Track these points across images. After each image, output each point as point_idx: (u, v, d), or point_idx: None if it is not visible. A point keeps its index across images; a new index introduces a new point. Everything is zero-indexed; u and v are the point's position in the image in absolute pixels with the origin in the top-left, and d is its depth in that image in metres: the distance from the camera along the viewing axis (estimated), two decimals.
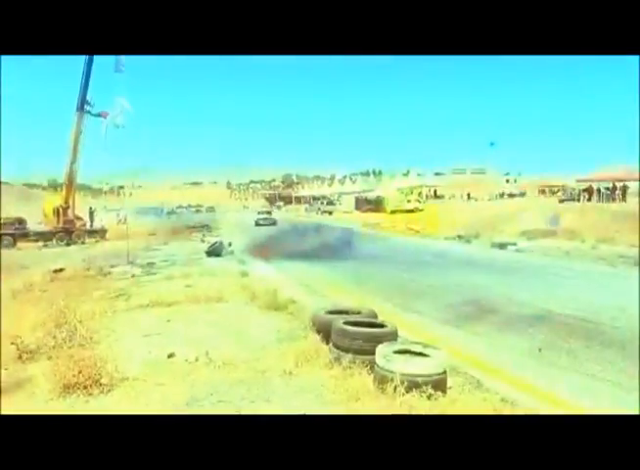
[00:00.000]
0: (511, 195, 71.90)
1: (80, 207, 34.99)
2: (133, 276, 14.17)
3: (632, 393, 5.74)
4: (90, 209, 36.43)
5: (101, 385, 5.57)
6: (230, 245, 21.02)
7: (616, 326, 8.55)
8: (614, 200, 46.70)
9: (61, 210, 30.66)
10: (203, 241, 25.42)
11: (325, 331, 6.63)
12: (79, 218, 32.42)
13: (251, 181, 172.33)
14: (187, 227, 38.76)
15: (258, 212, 55.03)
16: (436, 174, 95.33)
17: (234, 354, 6.69)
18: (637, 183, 51.96)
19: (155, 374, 6.07)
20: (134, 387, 5.70)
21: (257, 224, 44.96)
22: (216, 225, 44.19)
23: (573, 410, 5.20)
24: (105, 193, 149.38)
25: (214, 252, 18.86)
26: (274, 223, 45.79)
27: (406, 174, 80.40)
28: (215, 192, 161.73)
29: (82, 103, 30.27)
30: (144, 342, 7.49)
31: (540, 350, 7.30)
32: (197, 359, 6.54)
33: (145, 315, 9.17)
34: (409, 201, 59.70)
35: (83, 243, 29.66)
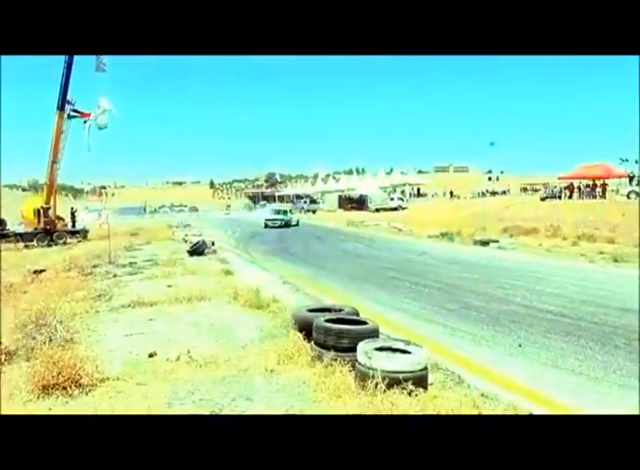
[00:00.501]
0: (493, 193, 72.42)
1: (62, 207, 34.70)
2: (115, 276, 14.06)
3: (611, 386, 5.83)
4: (72, 209, 36.07)
5: (81, 386, 5.53)
6: (213, 244, 20.95)
7: (594, 321, 8.64)
8: (594, 197, 47.33)
9: (42, 210, 30.36)
10: (185, 240, 25.28)
11: (306, 329, 6.64)
12: (61, 219, 32.14)
13: (235, 180, 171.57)
14: (169, 227, 38.63)
15: (272, 211, 45.49)
16: (419, 173, 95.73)
17: (216, 353, 6.68)
18: (616, 181, 52.81)
19: (136, 374, 6.03)
20: (115, 387, 5.66)
21: (266, 226, 38.79)
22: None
23: (554, 406, 5.27)
24: (87, 193, 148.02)
25: (197, 251, 18.78)
26: (287, 225, 39.38)
27: (389, 173, 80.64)
28: (198, 191, 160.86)
29: (63, 102, 30.01)
30: (125, 342, 7.45)
31: (520, 345, 7.37)
32: (178, 358, 6.52)
33: (126, 315, 9.12)
34: (392, 199, 59.94)
35: (65, 243, 29.40)
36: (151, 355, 6.72)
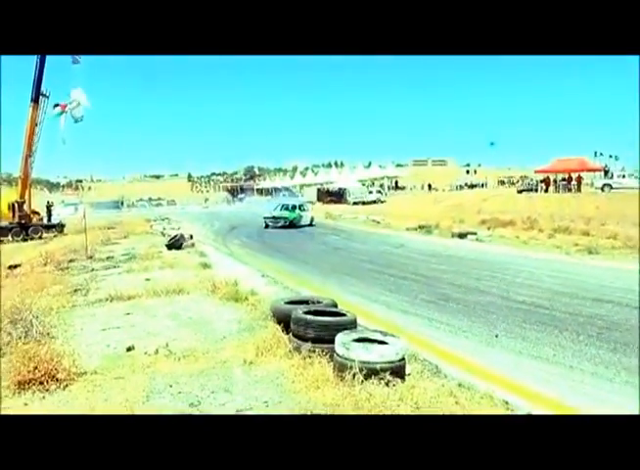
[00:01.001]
0: (471, 186, 73.00)
1: (38, 201, 34.25)
2: (92, 270, 13.93)
3: (584, 374, 5.95)
4: (48, 203, 35.61)
5: (58, 380, 5.48)
6: (191, 237, 20.83)
7: (569, 312, 8.79)
8: (569, 190, 48.04)
9: (16, 205, 29.94)
10: (163, 234, 25.12)
11: (285, 321, 6.66)
12: (36, 213, 31.75)
13: (213, 173, 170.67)
14: (147, 220, 38.34)
15: (278, 207, 33.78)
16: (398, 166, 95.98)
17: (194, 346, 6.67)
18: (591, 174, 53.68)
19: (114, 368, 6.01)
20: (92, 381, 5.63)
21: (267, 226, 30.52)
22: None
23: (528, 394, 5.36)
24: (63, 187, 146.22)
25: (175, 245, 18.67)
26: (294, 224, 30.56)
27: (368, 166, 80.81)
28: (176, 185, 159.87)
29: (37, 95, 29.55)
30: (103, 336, 7.40)
31: (497, 335, 7.47)
32: (157, 352, 6.50)
33: (104, 310, 9.05)
34: (371, 192, 60.13)
35: (40, 238, 29.06)
36: (129, 349, 6.69)
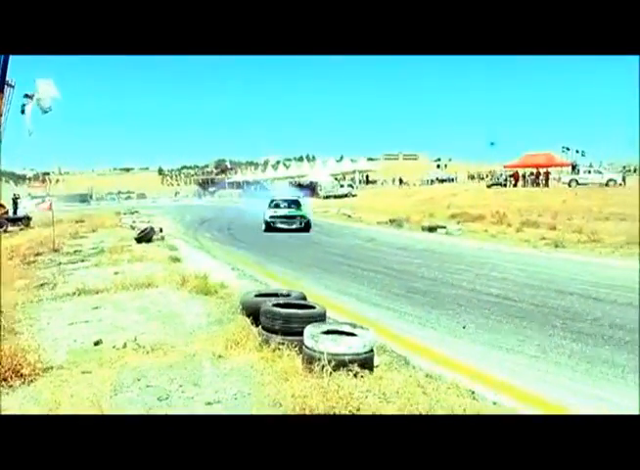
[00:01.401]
0: (442, 180, 73.64)
1: (3, 194, 33.55)
2: (59, 264, 13.71)
3: (548, 364, 6.08)
4: (14, 195, 34.90)
5: (22, 376, 5.39)
6: (161, 231, 20.65)
7: (535, 303, 8.96)
8: (537, 185, 48.90)
9: None
10: (133, 227, 24.84)
11: (254, 314, 6.65)
12: (1, 206, 31.09)
13: (184, 167, 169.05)
14: (117, 214, 37.88)
15: (280, 202, 26.54)
16: (369, 160, 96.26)
17: (163, 340, 6.61)
18: (558, 169, 54.71)
19: (81, 362, 5.92)
20: (59, 376, 5.54)
21: (271, 228, 23.57)
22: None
23: (494, 383, 5.46)
24: (29, 179, 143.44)
25: (144, 238, 18.48)
26: (307, 228, 24.00)
27: (339, 160, 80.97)
28: (146, 178, 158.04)
29: (2, 84, 28.88)
30: (70, 330, 7.29)
31: (464, 327, 7.58)
32: (125, 346, 6.44)
33: (71, 304, 8.91)
34: (342, 186, 60.30)
35: (6, 231, 28.45)
36: (96, 343, 6.61)
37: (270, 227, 23.61)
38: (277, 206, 25.93)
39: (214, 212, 40.48)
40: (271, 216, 24.18)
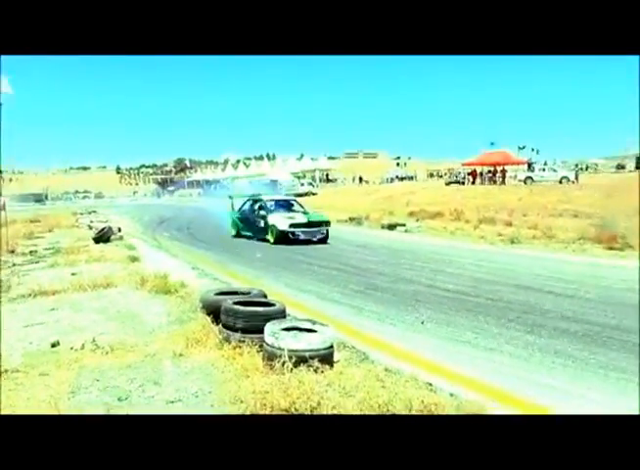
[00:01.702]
0: (401, 178, 74.38)
1: None
2: (13, 265, 13.39)
3: (502, 355, 6.27)
4: None
5: None
6: (119, 230, 20.35)
7: (491, 298, 9.19)
8: (495, 182, 49.89)
9: None
10: (90, 227, 24.41)
11: (215, 312, 6.65)
12: None
13: (142, 166, 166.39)
14: (74, 214, 37.15)
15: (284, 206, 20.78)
16: (330, 158, 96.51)
17: (122, 340, 6.55)
18: (515, 167, 55.92)
19: (38, 364, 5.81)
20: (14, 379, 5.44)
21: (290, 239, 18.02)
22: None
23: (450, 375, 5.59)
24: None
25: (102, 238, 18.19)
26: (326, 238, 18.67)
27: (300, 158, 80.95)
28: (104, 177, 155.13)
29: None
30: (25, 332, 7.14)
31: (423, 322, 7.73)
32: (83, 347, 6.35)
33: (26, 305, 8.73)
34: (302, 184, 60.34)
35: None
36: (54, 345, 6.50)
37: (286, 239, 17.75)
38: (278, 209, 19.82)
39: (173, 212, 40.08)
40: (291, 225, 17.92)
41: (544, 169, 50.42)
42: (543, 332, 7.12)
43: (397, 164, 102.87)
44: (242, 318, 5.96)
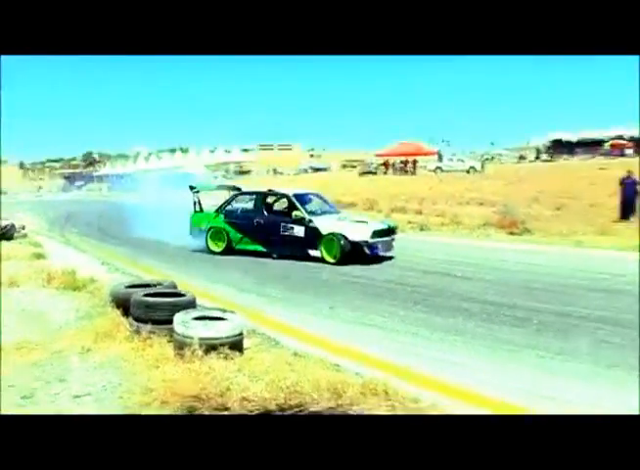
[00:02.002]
0: (316, 169, 74.91)
1: None
2: None
3: (406, 336, 6.60)
4: None
5: None
6: (23, 228, 19.46)
7: (400, 283, 9.61)
8: (406, 172, 51.34)
9: None
10: None
11: (125, 305, 6.59)
12: None
13: (48, 160, 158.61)
14: None
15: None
16: (244, 151, 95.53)
17: (27, 338, 6.36)
18: (426, 158, 57.74)
19: None
20: None
21: (355, 255, 11.72)
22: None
23: (358, 356, 5.82)
24: None
25: (5, 236, 17.34)
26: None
27: (213, 151, 79.89)
28: (6, 172, 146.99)
29: None
30: None
31: (332, 307, 7.96)
32: None
33: None
34: (216, 177, 59.69)
35: None
36: None
37: (359, 255, 11.84)
38: (322, 209, 13.70)
39: (82, 207, 38.59)
40: (375, 233, 12.06)
41: (452, 160, 52.43)
42: (445, 313, 7.54)
43: (311, 156, 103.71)
44: (151, 309, 5.96)
